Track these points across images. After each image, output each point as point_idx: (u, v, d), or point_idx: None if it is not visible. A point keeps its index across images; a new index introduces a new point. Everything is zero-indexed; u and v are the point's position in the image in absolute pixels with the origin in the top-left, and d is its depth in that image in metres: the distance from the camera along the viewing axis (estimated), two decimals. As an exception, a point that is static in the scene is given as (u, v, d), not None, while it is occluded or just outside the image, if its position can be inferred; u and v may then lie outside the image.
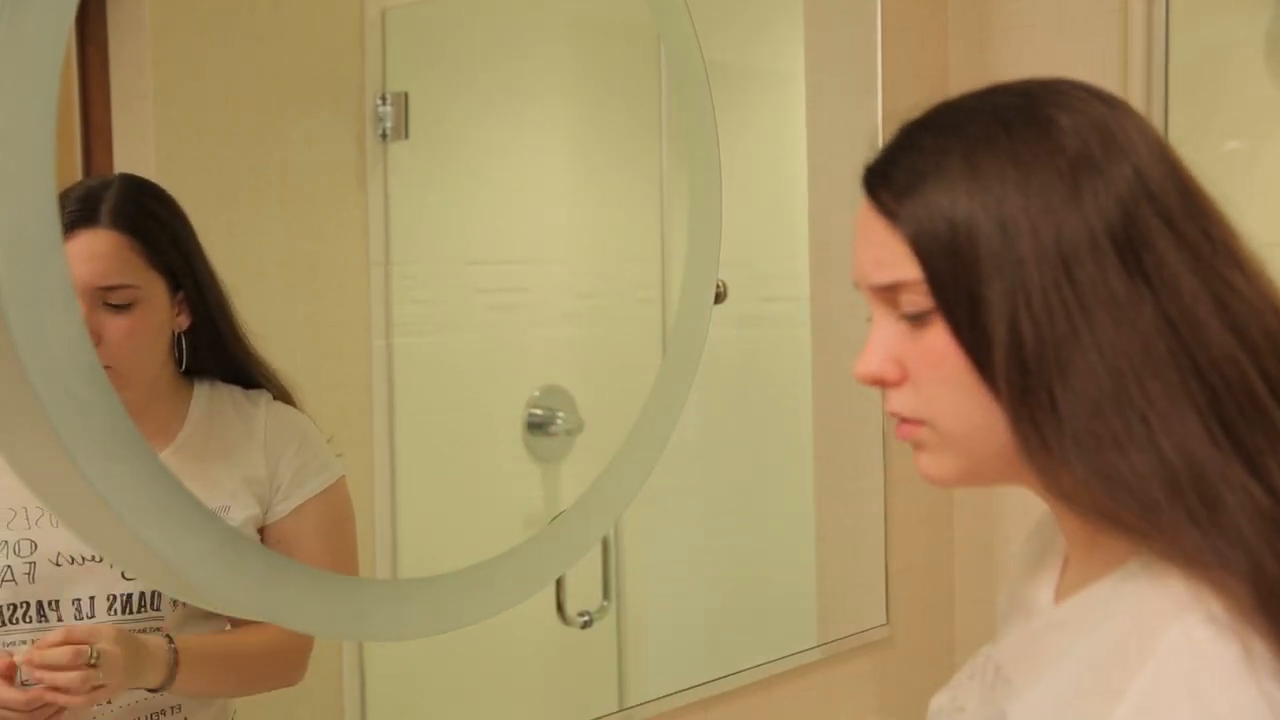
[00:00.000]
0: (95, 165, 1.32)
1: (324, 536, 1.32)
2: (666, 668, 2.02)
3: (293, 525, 1.31)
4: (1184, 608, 0.68)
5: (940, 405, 0.75)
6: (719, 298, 1.61)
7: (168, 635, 1.22)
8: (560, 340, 1.91)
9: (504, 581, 1.33)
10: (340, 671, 1.57)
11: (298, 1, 1.52)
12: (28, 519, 1.21)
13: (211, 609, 1.26)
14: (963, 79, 2.26)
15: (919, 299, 0.74)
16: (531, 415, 1.81)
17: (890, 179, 0.76)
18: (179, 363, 1.28)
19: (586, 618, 1.76)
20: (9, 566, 1.20)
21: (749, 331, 2.15)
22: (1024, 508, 2.57)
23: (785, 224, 2.23)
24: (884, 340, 0.77)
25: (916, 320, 0.75)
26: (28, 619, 1.21)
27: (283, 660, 1.33)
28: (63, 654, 1.11)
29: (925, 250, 0.73)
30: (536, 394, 1.82)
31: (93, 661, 1.12)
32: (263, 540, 1.31)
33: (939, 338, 0.74)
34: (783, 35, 2.25)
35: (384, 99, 1.58)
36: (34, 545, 1.21)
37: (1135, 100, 2.12)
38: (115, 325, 1.19)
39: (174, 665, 1.20)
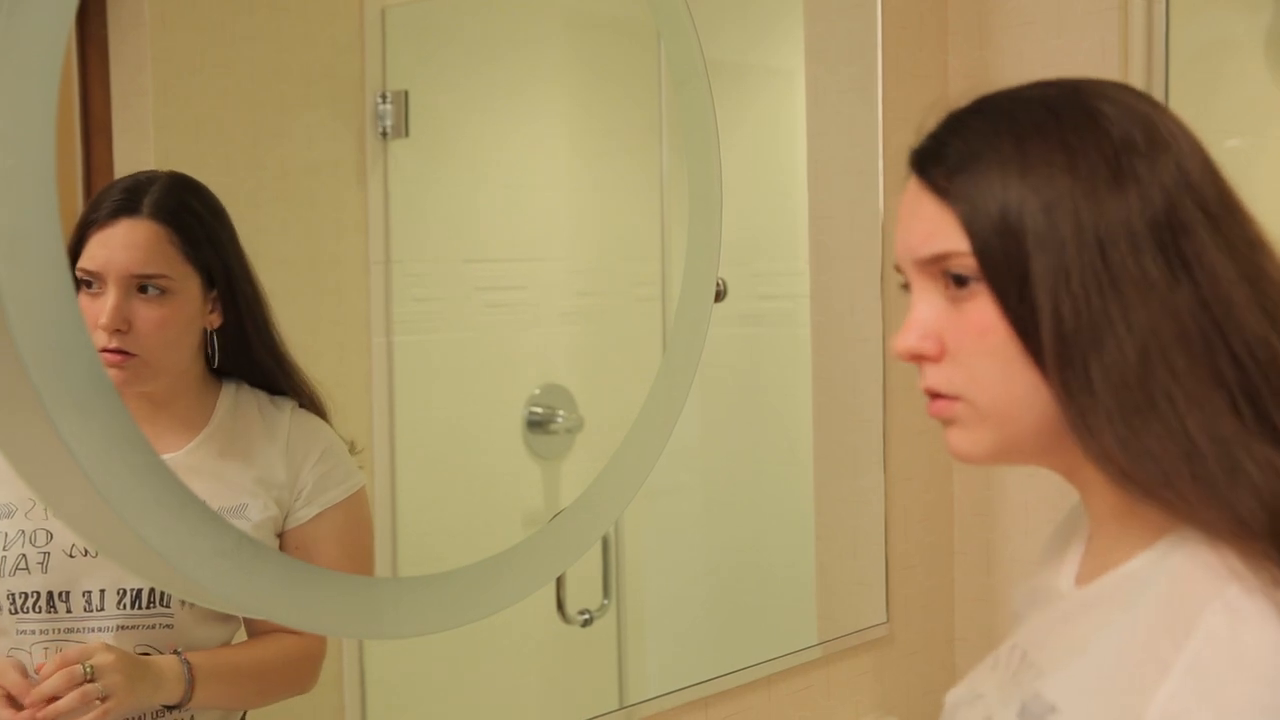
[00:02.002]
0: (95, 163, 1.32)
1: (342, 544, 1.33)
2: (667, 666, 2.02)
3: (312, 531, 1.32)
4: (1223, 579, 0.71)
5: (981, 378, 0.78)
6: (719, 296, 1.61)
7: (176, 650, 1.23)
8: (560, 338, 1.91)
9: (504, 580, 1.33)
10: (340, 671, 1.57)
11: (297, -1, 1.52)
12: (44, 509, 1.22)
13: (218, 609, 1.27)
14: (962, 76, 2.26)
15: (967, 272, 0.77)
16: (531, 413, 1.81)
17: (942, 158, 0.79)
18: (209, 361, 1.29)
19: (587, 616, 1.76)
20: (23, 555, 1.21)
21: (749, 330, 2.15)
22: (1023, 506, 2.57)
23: (785, 222, 2.23)
24: (924, 316, 0.80)
25: (961, 290, 0.78)
26: (38, 609, 1.21)
27: (298, 669, 1.35)
28: (56, 681, 1.12)
29: (975, 225, 0.76)
30: (536, 392, 1.82)
31: (89, 676, 1.12)
32: (281, 545, 1.32)
33: (984, 310, 0.77)
34: (783, 33, 2.25)
35: (384, 97, 1.58)
36: (50, 535, 1.22)
37: (1135, 98, 2.12)
38: (146, 314, 1.21)
39: (190, 681, 1.21)
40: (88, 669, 1.13)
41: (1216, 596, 0.71)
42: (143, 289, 1.21)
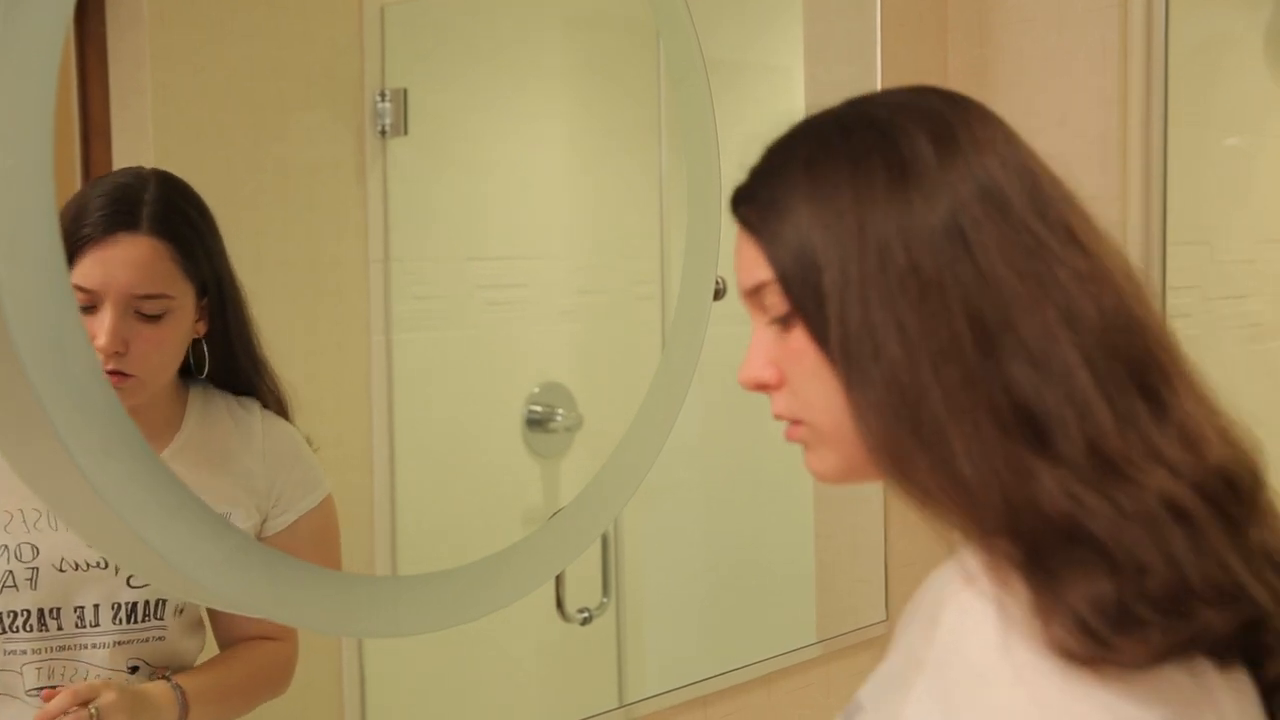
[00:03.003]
0: (94, 162, 1.32)
1: (316, 549, 1.32)
2: (666, 664, 2.02)
3: (288, 538, 1.30)
4: (963, 582, 0.73)
5: (812, 400, 0.79)
6: (718, 294, 1.61)
7: (165, 676, 1.22)
8: (559, 336, 1.91)
9: (504, 578, 1.33)
10: (340, 669, 1.57)
11: (296, -3, 1.52)
12: (25, 522, 1.19)
13: (218, 608, 1.26)
14: (961, 73, 2.26)
15: (778, 300, 0.79)
16: (531, 412, 1.81)
17: (750, 194, 0.82)
18: (198, 370, 1.26)
19: (586, 614, 1.76)
20: (10, 572, 1.18)
21: (748, 328, 2.15)
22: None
23: (784, 220, 2.23)
24: (761, 346, 0.82)
25: (783, 322, 0.79)
26: (29, 628, 1.19)
27: (276, 676, 1.34)
28: None
29: (774, 253, 0.78)
30: (536, 390, 1.82)
31: (93, 717, 1.10)
32: None
33: (800, 335, 0.78)
34: (782, 30, 2.25)
35: (383, 95, 1.58)
36: (36, 550, 1.19)
37: (1134, 95, 2.12)
38: (145, 335, 1.16)
39: (184, 705, 1.20)
40: (93, 711, 1.10)
41: (954, 598, 0.72)
42: (142, 309, 1.16)
